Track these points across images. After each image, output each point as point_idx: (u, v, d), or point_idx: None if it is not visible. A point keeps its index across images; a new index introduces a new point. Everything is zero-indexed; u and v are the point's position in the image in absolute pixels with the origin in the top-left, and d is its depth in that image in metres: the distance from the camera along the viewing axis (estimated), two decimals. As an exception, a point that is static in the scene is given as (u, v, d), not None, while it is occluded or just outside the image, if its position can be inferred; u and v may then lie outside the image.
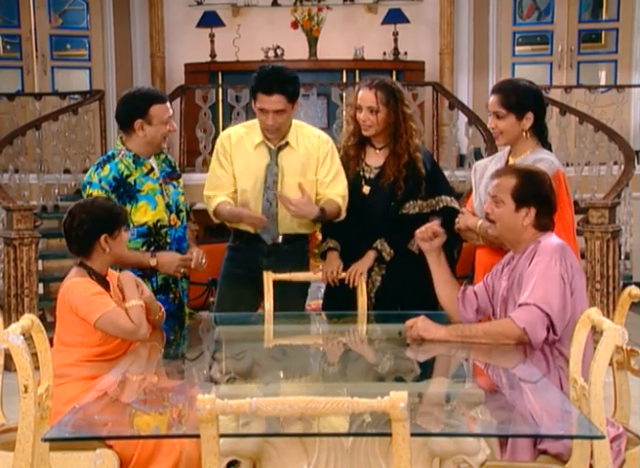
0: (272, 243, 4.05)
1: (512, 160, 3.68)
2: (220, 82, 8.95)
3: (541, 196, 3.23)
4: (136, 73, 9.85)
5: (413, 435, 2.12)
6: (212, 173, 4.11)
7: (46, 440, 2.48)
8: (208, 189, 4.08)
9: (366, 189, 4.07)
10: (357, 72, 8.82)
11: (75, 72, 9.94)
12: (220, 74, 9.06)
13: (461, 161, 8.67)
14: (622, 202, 6.85)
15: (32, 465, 2.58)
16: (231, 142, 4.07)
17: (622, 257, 6.76)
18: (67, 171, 8.34)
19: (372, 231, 4.01)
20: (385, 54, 9.49)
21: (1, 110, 8.83)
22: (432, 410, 2.64)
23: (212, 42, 9.23)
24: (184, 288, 3.96)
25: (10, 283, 6.05)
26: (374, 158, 4.11)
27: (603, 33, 9.89)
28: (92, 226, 3.30)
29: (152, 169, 3.83)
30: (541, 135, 3.69)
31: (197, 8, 9.51)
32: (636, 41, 9.52)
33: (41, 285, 6.66)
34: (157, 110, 3.75)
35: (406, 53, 9.33)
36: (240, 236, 4.12)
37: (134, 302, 3.28)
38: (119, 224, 3.37)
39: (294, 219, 3.98)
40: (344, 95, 8.11)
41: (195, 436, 2.19)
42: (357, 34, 9.60)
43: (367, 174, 4.10)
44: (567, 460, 2.74)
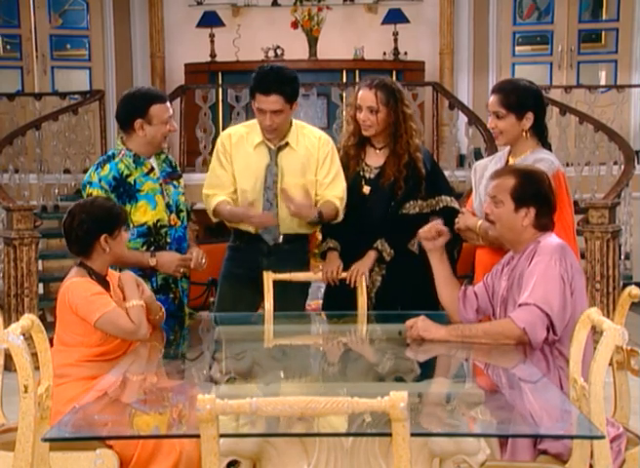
0: (273, 243, 4.05)
1: (512, 160, 3.68)
2: (220, 82, 8.95)
3: (541, 196, 3.23)
4: (136, 73, 9.85)
5: (413, 435, 2.12)
6: (211, 172, 4.12)
7: (46, 440, 2.48)
8: (207, 188, 4.08)
9: (366, 189, 4.07)
10: (357, 72, 8.81)
11: (75, 72, 9.94)
12: (220, 74, 9.06)
13: (461, 161, 8.67)
14: (622, 202, 6.84)
15: (32, 465, 2.58)
16: (231, 142, 4.07)
17: (622, 257, 6.75)
18: (67, 171, 8.34)
19: (372, 231, 4.01)
20: (385, 54, 9.49)
21: (1, 110, 8.83)
22: (432, 410, 2.64)
23: (212, 42, 9.23)
24: (185, 288, 3.96)
25: (10, 283, 6.05)
26: (374, 158, 4.10)
27: (603, 33, 9.89)
28: (92, 226, 3.30)
29: (152, 168, 3.83)
30: (541, 135, 3.69)
31: (197, 8, 9.51)
32: (636, 41, 9.52)
33: (41, 285, 6.66)
34: (157, 110, 3.76)
35: (406, 53, 9.33)
36: (240, 236, 4.12)
37: (134, 302, 3.28)
38: (119, 224, 3.37)
39: (294, 219, 3.98)
40: (344, 95, 8.11)
41: (195, 436, 2.19)
42: (357, 34, 9.60)
43: (367, 174, 4.09)
44: (567, 460, 2.74)
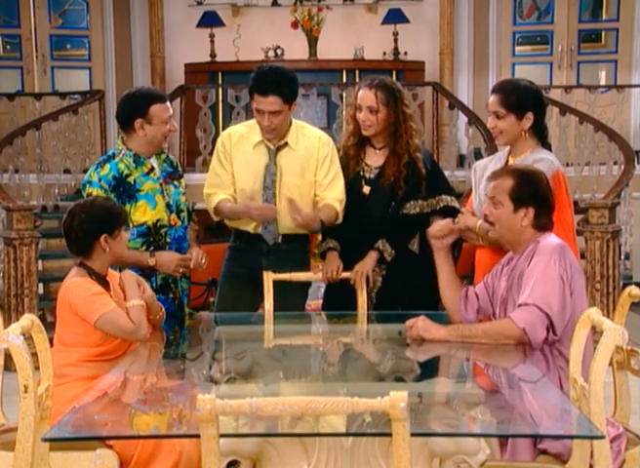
0: (273, 243, 4.05)
1: (512, 160, 3.67)
2: (220, 82, 8.95)
3: (539, 196, 3.23)
4: (136, 73, 9.85)
5: (413, 435, 2.12)
6: (212, 171, 4.12)
7: (46, 440, 2.48)
8: (208, 188, 4.09)
9: (366, 189, 4.07)
10: (357, 72, 8.81)
11: (75, 72, 9.93)
12: (220, 74, 9.06)
13: (461, 161, 8.66)
14: (622, 202, 6.84)
15: (32, 465, 2.58)
16: (231, 141, 4.07)
17: (622, 257, 6.75)
18: (67, 171, 8.33)
19: (372, 231, 4.01)
20: (385, 54, 9.49)
21: (1, 110, 8.83)
22: (432, 410, 2.64)
23: (212, 42, 9.23)
24: (185, 288, 3.95)
25: (10, 283, 6.04)
26: (373, 158, 4.10)
27: (603, 33, 9.89)
28: (92, 226, 3.30)
29: (153, 168, 3.83)
30: (541, 135, 3.69)
31: (197, 8, 9.51)
32: (636, 41, 9.52)
33: (41, 285, 6.65)
34: (157, 110, 3.76)
35: (406, 53, 9.33)
36: (241, 236, 4.12)
37: (134, 302, 3.28)
38: (119, 224, 3.37)
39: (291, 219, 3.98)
40: (344, 95, 8.11)
41: (195, 436, 2.19)
42: (357, 34, 9.60)
43: (367, 174, 4.09)
44: (567, 460, 2.74)
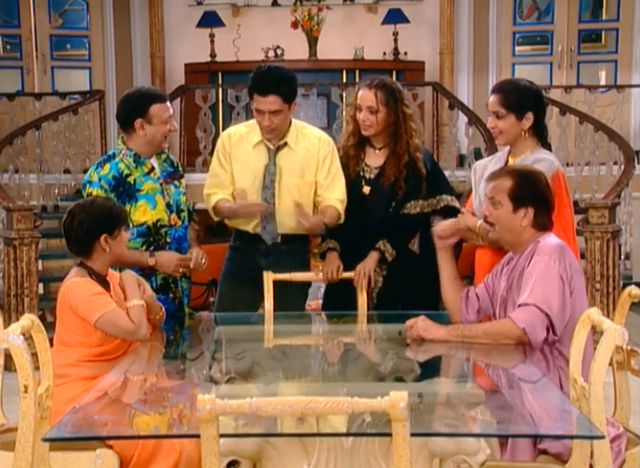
0: (272, 242, 4.05)
1: (512, 160, 3.67)
2: (220, 82, 8.95)
3: (539, 195, 3.23)
4: (136, 73, 9.85)
5: (413, 435, 2.12)
6: (212, 171, 4.13)
7: (46, 440, 2.48)
8: (207, 188, 4.09)
9: (366, 189, 4.07)
10: (357, 72, 8.81)
11: (75, 72, 9.93)
12: (220, 74, 9.06)
13: (461, 161, 8.66)
14: (622, 202, 6.84)
15: (32, 465, 2.58)
16: (231, 141, 4.08)
17: (622, 257, 6.75)
18: (67, 171, 8.33)
19: (372, 231, 4.01)
20: (385, 54, 9.49)
21: (1, 110, 8.83)
22: (432, 410, 2.64)
23: (212, 42, 9.23)
24: (185, 288, 3.95)
25: (10, 283, 6.04)
26: (373, 158, 4.10)
27: (603, 33, 9.89)
28: (92, 226, 3.30)
29: (153, 168, 3.83)
30: (541, 135, 3.68)
31: (197, 8, 9.51)
32: (636, 41, 9.52)
33: (41, 285, 6.65)
34: (157, 110, 3.76)
35: (406, 53, 9.33)
36: (241, 236, 4.12)
37: (134, 302, 3.28)
38: (119, 224, 3.37)
39: (292, 220, 3.98)
40: (344, 95, 8.11)
41: (195, 436, 2.19)
42: (357, 34, 9.60)
43: (367, 174, 4.09)
44: (567, 460, 2.74)
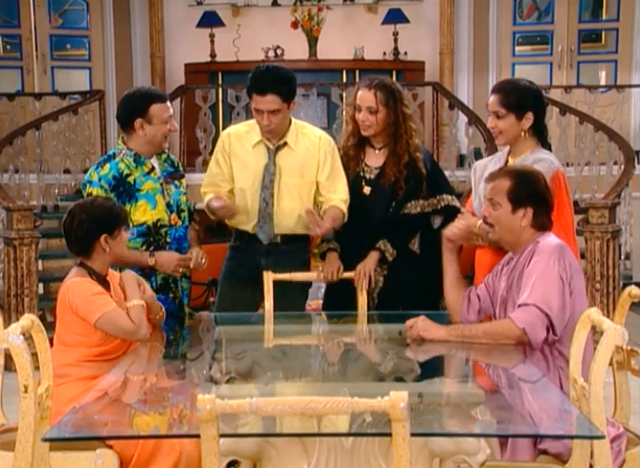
0: (269, 242, 4.04)
1: (512, 160, 3.67)
2: (220, 82, 8.95)
3: (537, 195, 3.23)
4: (136, 73, 9.85)
5: (413, 435, 2.12)
6: (209, 170, 4.14)
7: (46, 440, 2.48)
8: (204, 187, 4.11)
9: (367, 190, 4.07)
10: (357, 72, 8.81)
11: (75, 72, 9.93)
12: (220, 74, 9.06)
13: (461, 161, 8.66)
14: (622, 202, 6.84)
15: (32, 465, 2.58)
16: (231, 141, 4.08)
17: (622, 257, 6.75)
18: (67, 171, 8.33)
19: (373, 232, 4.00)
20: (385, 54, 9.49)
21: (1, 110, 8.83)
22: (432, 410, 2.64)
23: (212, 42, 9.23)
24: (185, 288, 3.95)
25: (10, 283, 6.04)
26: (373, 158, 4.10)
27: (603, 33, 9.89)
28: (91, 226, 3.30)
29: (153, 168, 3.83)
30: (541, 135, 3.68)
31: (197, 8, 9.51)
32: (636, 41, 9.52)
33: (41, 285, 6.65)
34: (157, 109, 3.76)
35: (406, 53, 9.33)
36: (241, 236, 4.12)
37: (135, 302, 3.28)
38: (119, 224, 3.37)
39: (291, 220, 3.98)
40: (344, 95, 8.10)
41: (195, 436, 2.19)
42: (357, 34, 9.60)
43: (367, 174, 4.09)
44: (567, 460, 2.74)
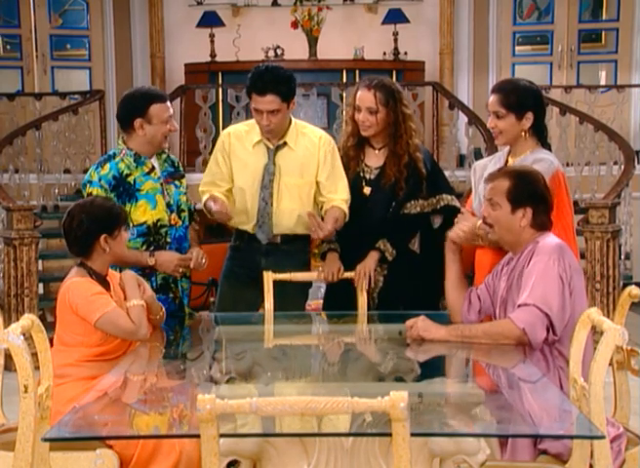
0: (268, 242, 4.04)
1: (512, 160, 3.67)
2: (220, 82, 8.95)
3: (537, 195, 3.23)
4: (136, 73, 9.85)
5: (413, 435, 2.12)
6: (208, 169, 4.14)
7: (46, 440, 2.48)
8: (202, 185, 4.10)
9: (367, 190, 4.06)
10: (357, 72, 8.81)
11: (75, 72, 9.94)
12: (220, 74, 9.06)
13: (461, 161, 8.66)
14: (622, 202, 6.84)
15: (32, 465, 2.58)
16: (231, 141, 4.08)
17: (622, 257, 6.75)
18: (67, 171, 8.33)
19: (373, 232, 4.00)
20: (385, 54, 9.49)
21: (1, 110, 8.83)
22: (432, 410, 2.64)
23: (212, 42, 9.23)
24: (185, 288, 3.95)
25: (10, 283, 6.04)
26: (373, 159, 4.10)
27: (603, 33, 9.89)
28: (91, 226, 3.30)
29: (153, 168, 3.83)
30: (541, 135, 3.68)
31: (197, 8, 9.51)
32: (636, 41, 9.52)
33: (41, 285, 6.65)
34: (157, 109, 3.75)
35: (406, 53, 9.33)
36: (241, 236, 4.12)
37: (135, 302, 3.28)
38: (119, 224, 3.37)
39: (290, 220, 3.98)
40: (344, 95, 8.10)
41: (195, 436, 2.19)
42: (357, 34, 9.60)
43: (367, 174, 4.09)
44: (567, 460, 2.74)
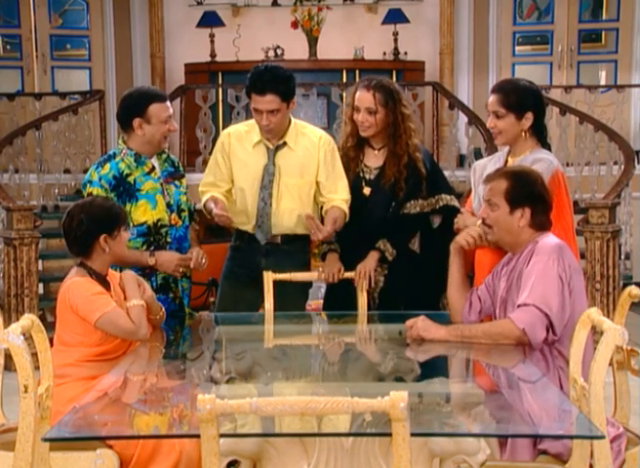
0: (267, 242, 4.03)
1: (511, 160, 3.67)
2: (220, 82, 8.95)
3: (535, 195, 3.23)
4: (136, 73, 9.85)
5: (413, 435, 2.12)
6: (208, 169, 4.14)
7: (46, 440, 2.48)
8: (202, 185, 4.10)
9: (367, 190, 4.06)
10: (357, 72, 8.81)
11: (75, 72, 9.94)
12: (220, 74, 9.06)
13: (461, 161, 8.66)
14: (622, 202, 6.84)
15: (32, 465, 2.58)
16: (230, 141, 4.08)
17: (622, 257, 6.75)
18: (67, 171, 8.33)
19: (373, 232, 4.00)
20: (385, 54, 9.49)
21: (1, 110, 8.84)
22: (432, 410, 2.64)
23: (212, 42, 9.23)
24: (185, 288, 3.95)
25: (10, 283, 6.04)
26: (373, 159, 4.10)
27: (603, 33, 9.89)
28: (91, 226, 3.30)
29: (154, 168, 3.83)
30: (541, 135, 3.68)
31: (197, 8, 9.51)
32: (636, 41, 9.52)
33: (41, 285, 6.65)
34: (156, 109, 3.75)
35: (406, 53, 9.33)
36: (241, 236, 4.11)
37: (134, 302, 3.28)
38: (118, 224, 3.37)
39: (290, 220, 3.98)
40: (344, 95, 8.09)
41: (195, 436, 2.19)
42: (357, 34, 9.60)
43: (367, 175, 4.08)
44: (567, 460, 2.74)
